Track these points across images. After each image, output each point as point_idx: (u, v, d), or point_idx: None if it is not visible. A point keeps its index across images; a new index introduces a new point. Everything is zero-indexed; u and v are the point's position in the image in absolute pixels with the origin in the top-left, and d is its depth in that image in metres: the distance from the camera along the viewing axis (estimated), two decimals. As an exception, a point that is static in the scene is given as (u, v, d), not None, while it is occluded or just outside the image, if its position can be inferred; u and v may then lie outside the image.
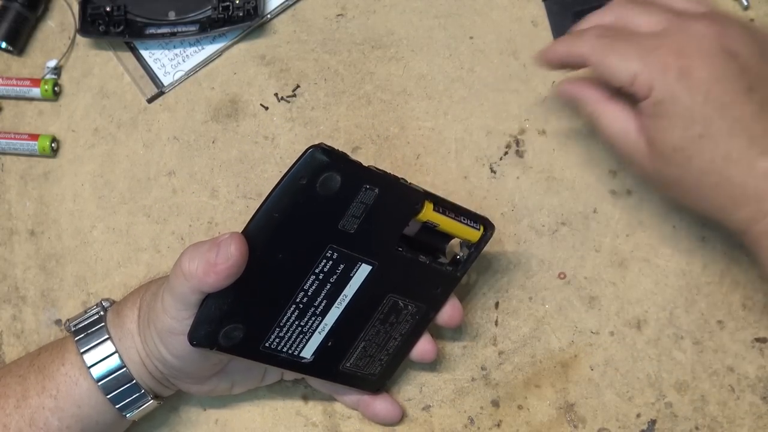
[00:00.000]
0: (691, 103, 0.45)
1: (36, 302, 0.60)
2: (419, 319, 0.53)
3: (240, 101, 0.61)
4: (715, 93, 0.45)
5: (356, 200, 0.46)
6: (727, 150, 0.45)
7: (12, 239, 0.61)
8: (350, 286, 0.49)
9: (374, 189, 0.46)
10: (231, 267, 0.44)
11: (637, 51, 0.46)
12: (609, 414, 0.57)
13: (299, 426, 0.57)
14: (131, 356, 0.50)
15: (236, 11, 0.60)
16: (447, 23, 0.61)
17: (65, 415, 0.50)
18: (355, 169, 0.46)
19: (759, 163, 0.45)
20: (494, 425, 0.57)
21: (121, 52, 0.62)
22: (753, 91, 0.45)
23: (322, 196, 0.45)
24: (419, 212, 0.49)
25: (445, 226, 0.50)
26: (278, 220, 0.45)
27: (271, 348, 0.49)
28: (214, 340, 0.47)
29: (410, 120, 0.60)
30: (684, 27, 0.47)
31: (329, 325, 0.50)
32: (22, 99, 0.62)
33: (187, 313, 0.46)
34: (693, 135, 0.45)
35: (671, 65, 0.45)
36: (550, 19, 0.61)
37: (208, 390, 0.53)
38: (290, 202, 0.45)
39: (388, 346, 0.53)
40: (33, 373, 0.51)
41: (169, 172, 0.61)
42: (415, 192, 0.48)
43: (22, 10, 0.61)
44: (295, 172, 0.44)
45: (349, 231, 0.47)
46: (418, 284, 0.52)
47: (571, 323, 0.58)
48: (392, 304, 0.51)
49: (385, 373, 0.55)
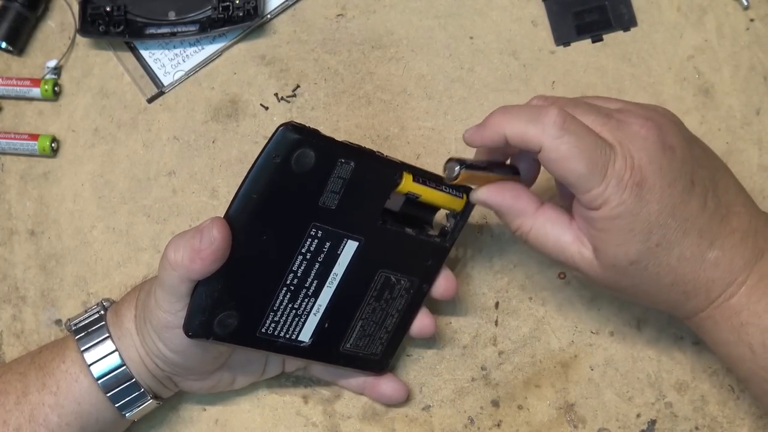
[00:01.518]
0: (647, 213, 0.44)
1: (36, 302, 0.60)
2: (414, 294, 0.53)
3: (240, 101, 0.61)
4: (666, 198, 0.44)
5: (333, 175, 0.47)
6: (681, 251, 0.45)
7: (12, 239, 0.61)
8: (339, 264, 0.49)
9: (350, 162, 0.47)
10: (215, 251, 0.45)
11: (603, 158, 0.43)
12: (609, 414, 0.57)
13: (299, 426, 0.57)
14: (131, 355, 0.51)
15: (236, 11, 0.60)
16: (447, 23, 0.61)
17: (65, 412, 0.50)
18: (328, 144, 0.46)
19: (708, 255, 0.45)
20: (494, 425, 0.57)
21: (121, 52, 0.62)
22: (694, 184, 0.45)
23: (298, 174, 0.45)
24: (398, 184, 0.49)
25: (427, 196, 0.50)
26: (257, 201, 0.45)
27: (268, 333, 0.49)
28: (210, 329, 0.47)
29: (410, 120, 0.60)
30: (626, 133, 0.44)
31: (323, 305, 0.50)
32: (22, 99, 0.62)
33: (180, 305, 0.47)
34: (651, 245, 0.44)
35: (626, 180, 0.43)
36: (550, 19, 0.61)
37: (211, 386, 0.53)
38: (267, 181, 0.45)
39: (386, 323, 0.53)
40: (33, 371, 0.51)
41: (169, 172, 0.61)
42: (392, 164, 0.49)
43: (22, 10, 0.61)
44: (268, 151, 0.45)
45: (330, 207, 0.47)
46: (408, 258, 0.52)
47: (571, 323, 0.58)
48: (384, 280, 0.51)
49: (387, 352, 0.54)
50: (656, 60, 0.60)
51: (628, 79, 0.60)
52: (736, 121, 0.59)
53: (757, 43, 0.60)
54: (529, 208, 0.47)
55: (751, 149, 0.59)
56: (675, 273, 0.45)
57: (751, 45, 0.60)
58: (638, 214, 0.44)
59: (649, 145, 0.44)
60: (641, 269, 0.45)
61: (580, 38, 0.60)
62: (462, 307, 0.58)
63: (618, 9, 0.60)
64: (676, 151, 0.45)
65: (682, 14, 0.60)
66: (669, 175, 0.44)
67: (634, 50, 0.60)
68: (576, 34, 0.60)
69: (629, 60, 0.60)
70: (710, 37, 0.60)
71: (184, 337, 0.47)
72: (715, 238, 0.45)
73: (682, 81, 0.60)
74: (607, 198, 0.44)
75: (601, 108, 0.46)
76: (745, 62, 0.59)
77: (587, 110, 0.45)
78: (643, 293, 0.47)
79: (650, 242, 0.44)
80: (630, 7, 0.60)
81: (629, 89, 0.60)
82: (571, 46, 0.60)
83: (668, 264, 0.45)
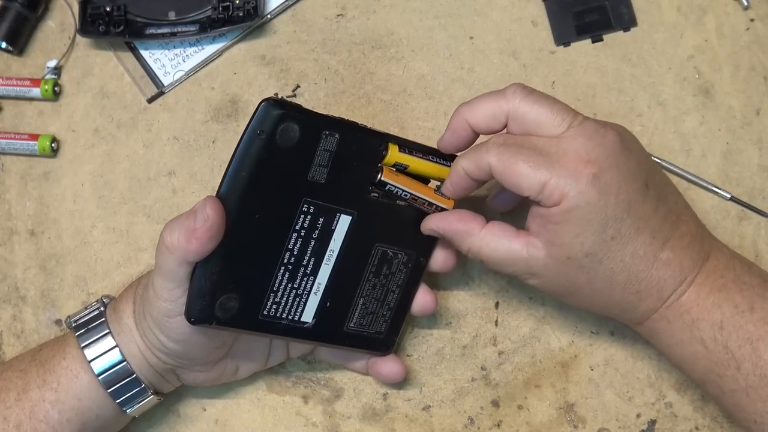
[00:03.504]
0: (604, 206, 0.45)
1: (36, 302, 0.60)
2: (412, 268, 0.53)
3: (240, 101, 0.61)
4: (623, 194, 0.46)
5: (319, 148, 0.47)
6: (634, 247, 0.47)
7: (12, 239, 0.61)
8: (335, 240, 0.49)
9: (335, 135, 0.47)
10: (210, 228, 0.45)
11: (545, 159, 0.46)
12: (609, 414, 0.57)
13: (299, 426, 0.57)
14: (131, 351, 0.51)
15: (236, 11, 0.60)
16: (447, 23, 0.61)
17: (65, 408, 0.51)
18: (311, 117, 0.46)
19: (660, 255, 0.47)
20: (494, 425, 0.57)
21: (121, 52, 0.62)
22: (648, 187, 0.47)
23: (284, 149, 0.46)
24: (385, 155, 0.49)
25: (415, 166, 0.50)
26: (246, 179, 0.46)
27: (270, 315, 0.49)
28: (211, 313, 0.47)
29: (410, 120, 0.60)
30: (584, 128, 0.46)
31: (323, 284, 0.50)
32: (22, 99, 0.62)
33: (179, 291, 0.47)
34: (606, 238, 0.46)
35: (582, 171, 0.45)
36: (550, 19, 0.61)
37: (215, 377, 0.53)
38: (254, 158, 0.45)
39: (387, 299, 0.53)
40: (34, 367, 0.52)
41: (169, 172, 0.61)
42: (377, 134, 0.49)
43: (22, 10, 0.61)
44: (252, 128, 0.45)
45: (319, 182, 0.47)
46: (403, 231, 0.52)
47: (571, 323, 0.58)
48: (381, 255, 0.51)
49: (391, 331, 0.54)
50: (656, 60, 0.60)
51: (628, 79, 0.60)
52: (736, 121, 0.59)
53: (757, 43, 0.60)
54: (475, 228, 0.49)
55: (751, 149, 0.59)
56: (629, 270, 0.47)
57: (751, 45, 0.60)
58: (596, 205, 0.45)
59: (607, 142, 0.46)
60: (596, 262, 0.47)
61: (580, 38, 0.60)
62: (462, 307, 0.58)
63: (618, 9, 0.60)
64: (633, 152, 0.47)
65: (682, 14, 0.60)
66: (626, 172, 0.46)
67: (634, 50, 0.60)
68: (576, 34, 0.60)
69: (629, 60, 0.60)
70: (710, 37, 0.60)
71: (185, 326, 0.47)
72: (667, 239, 0.47)
73: (682, 81, 0.60)
74: (565, 190, 0.45)
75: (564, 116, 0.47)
76: (745, 62, 0.59)
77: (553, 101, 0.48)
78: (598, 293, 0.48)
79: (606, 234, 0.46)
80: (630, 7, 0.60)
81: (629, 89, 0.60)
82: (571, 46, 0.60)
83: (622, 260, 0.47)
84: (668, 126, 0.59)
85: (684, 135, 0.59)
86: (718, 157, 0.59)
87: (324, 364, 0.58)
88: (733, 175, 0.59)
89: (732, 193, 0.58)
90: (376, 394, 0.58)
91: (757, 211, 0.58)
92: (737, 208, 0.58)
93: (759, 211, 0.58)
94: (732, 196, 0.58)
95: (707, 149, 0.59)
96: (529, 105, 0.47)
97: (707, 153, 0.59)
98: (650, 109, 0.59)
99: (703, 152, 0.59)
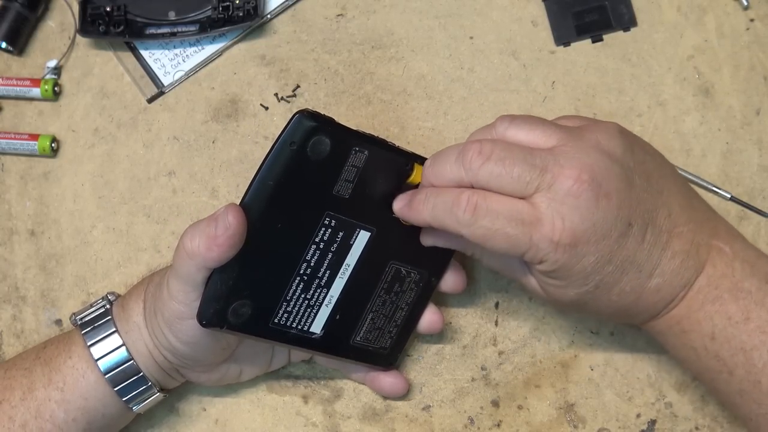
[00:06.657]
0: (584, 267, 0.45)
1: (36, 302, 0.60)
2: (423, 287, 0.53)
3: (240, 101, 0.61)
4: (602, 249, 0.45)
5: (347, 164, 0.47)
6: (620, 288, 0.46)
7: (12, 239, 0.61)
8: (351, 255, 0.50)
9: (364, 151, 0.47)
10: (231, 237, 0.45)
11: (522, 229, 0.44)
12: (609, 414, 0.57)
13: (299, 426, 0.57)
14: (138, 348, 0.51)
15: (236, 11, 0.60)
16: (447, 23, 0.61)
17: (71, 408, 0.51)
18: (343, 132, 0.47)
19: (649, 284, 0.47)
20: (494, 425, 0.57)
21: (121, 52, 0.62)
22: (632, 225, 0.45)
23: (313, 161, 0.46)
24: (410, 174, 0.49)
25: None
26: (273, 189, 0.46)
27: (281, 324, 0.49)
28: (224, 318, 0.47)
29: (410, 120, 0.60)
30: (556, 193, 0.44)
31: (335, 297, 0.50)
32: (22, 99, 0.62)
33: (194, 295, 0.47)
34: (589, 289, 0.46)
35: (557, 241, 0.44)
36: (550, 19, 0.61)
37: (217, 378, 0.53)
38: (283, 168, 0.45)
39: (395, 316, 0.53)
40: (39, 366, 0.51)
41: (169, 172, 0.61)
42: (403, 153, 0.49)
43: (22, 10, 0.61)
44: (284, 138, 0.45)
45: (344, 196, 0.48)
46: (418, 250, 0.52)
47: (571, 323, 0.58)
48: (395, 272, 0.52)
49: (396, 347, 0.55)
50: (656, 60, 0.60)
51: (628, 79, 0.60)
52: (736, 121, 0.59)
53: (757, 43, 0.60)
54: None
55: (751, 149, 0.59)
56: (616, 306, 0.47)
57: (751, 45, 0.60)
58: (573, 268, 0.45)
59: (581, 203, 0.44)
60: (582, 305, 0.47)
61: (580, 38, 0.60)
62: (462, 307, 0.58)
63: (618, 9, 0.60)
64: (612, 198, 0.44)
65: (682, 14, 0.60)
66: (603, 228, 0.44)
67: (634, 50, 0.60)
68: (576, 34, 0.60)
69: (629, 60, 0.60)
70: (710, 37, 0.60)
71: (196, 328, 0.47)
72: (655, 267, 0.46)
73: (682, 81, 0.60)
74: (543, 257, 0.45)
75: (535, 161, 0.45)
76: (745, 62, 0.59)
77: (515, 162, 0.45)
78: (588, 315, 0.51)
79: (588, 287, 0.46)
80: (630, 7, 0.60)
81: (629, 89, 0.60)
82: (571, 46, 0.60)
83: (608, 300, 0.47)
84: (668, 126, 0.59)
85: (684, 135, 0.59)
86: (718, 157, 0.59)
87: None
88: (733, 175, 0.59)
89: (732, 193, 0.58)
90: (376, 395, 0.58)
91: (757, 211, 0.58)
92: (737, 208, 0.58)
93: (759, 211, 0.58)
94: (732, 196, 0.58)
95: (707, 149, 0.59)
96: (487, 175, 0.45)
97: (707, 153, 0.59)
98: (650, 109, 0.59)
99: (703, 152, 0.59)
